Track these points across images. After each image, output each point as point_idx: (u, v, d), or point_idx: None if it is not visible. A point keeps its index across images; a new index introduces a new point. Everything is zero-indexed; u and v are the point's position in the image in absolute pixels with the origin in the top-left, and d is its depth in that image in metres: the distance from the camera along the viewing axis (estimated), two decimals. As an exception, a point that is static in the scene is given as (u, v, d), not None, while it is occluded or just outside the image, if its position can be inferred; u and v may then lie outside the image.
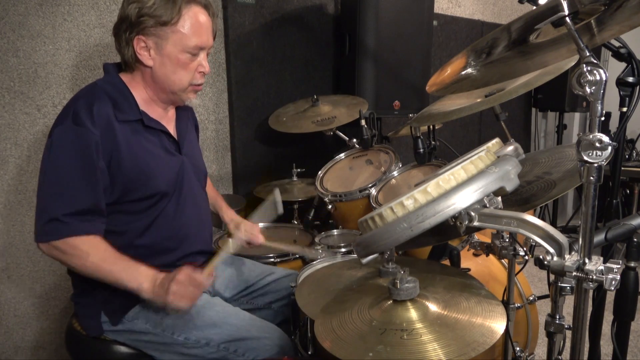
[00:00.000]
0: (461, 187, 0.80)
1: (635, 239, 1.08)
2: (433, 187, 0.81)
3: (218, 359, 1.25)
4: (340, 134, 2.18)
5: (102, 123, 1.20)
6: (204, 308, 1.29)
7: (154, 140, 1.31)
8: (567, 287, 0.84)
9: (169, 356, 1.28)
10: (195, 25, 1.26)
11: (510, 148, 1.08)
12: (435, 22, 3.07)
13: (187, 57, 1.27)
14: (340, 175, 2.09)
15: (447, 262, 1.49)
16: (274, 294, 1.51)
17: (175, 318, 1.26)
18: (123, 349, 1.30)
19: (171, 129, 1.39)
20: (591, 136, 0.79)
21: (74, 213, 1.17)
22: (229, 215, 1.64)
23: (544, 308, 2.19)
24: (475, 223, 0.81)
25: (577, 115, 4.21)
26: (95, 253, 1.18)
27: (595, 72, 0.78)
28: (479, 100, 1.44)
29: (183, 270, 1.16)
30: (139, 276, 1.18)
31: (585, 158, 0.80)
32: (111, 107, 1.23)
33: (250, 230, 1.57)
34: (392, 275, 1.11)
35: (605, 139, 0.78)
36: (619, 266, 0.80)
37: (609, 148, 0.79)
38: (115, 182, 1.22)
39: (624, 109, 1.27)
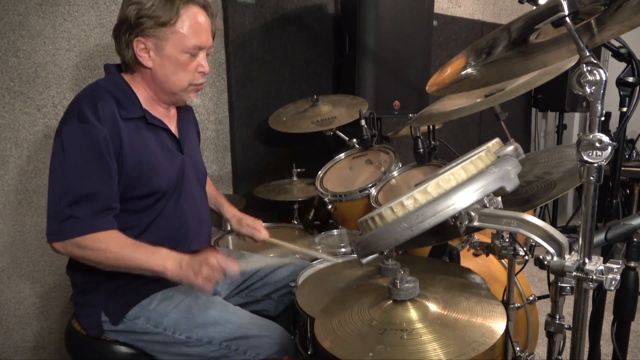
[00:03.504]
0: (461, 187, 0.80)
1: (635, 239, 1.08)
2: (433, 187, 0.81)
3: (219, 357, 1.26)
4: (340, 134, 2.18)
5: (108, 120, 1.20)
6: (205, 307, 1.30)
7: (156, 138, 1.32)
8: (567, 287, 0.84)
9: (170, 356, 1.28)
10: (194, 26, 1.26)
11: (510, 148, 1.08)
12: (435, 22, 3.07)
13: (187, 57, 1.28)
14: (340, 175, 2.09)
15: (447, 262, 1.49)
16: (272, 284, 1.52)
17: (176, 317, 1.27)
18: (123, 349, 1.30)
19: (173, 128, 1.39)
20: (591, 136, 0.79)
21: (89, 208, 1.17)
22: (231, 211, 1.64)
23: (544, 308, 2.18)
24: (475, 223, 0.81)
25: (577, 115, 4.21)
26: (115, 243, 1.19)
27: (595, 72, 0.78)
28: (479, 100, 1.44)
29: (213, 255, 1.21)
30: (161, 258, 1.20)
31: (585, 158, 0.80)
32: (115, 105, 1.23)
33: (253, 225, 1.57)
34: (392, 273, 1.11)
35: (605, 139, 0.78)
36: (619, 266, 0.80)
37: (609, 148, 0.79)
38: (119, 179, 1.23)
39: (624, 109, 1.27)
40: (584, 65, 0.79)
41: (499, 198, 0.85)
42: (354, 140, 2.16)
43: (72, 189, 1.17)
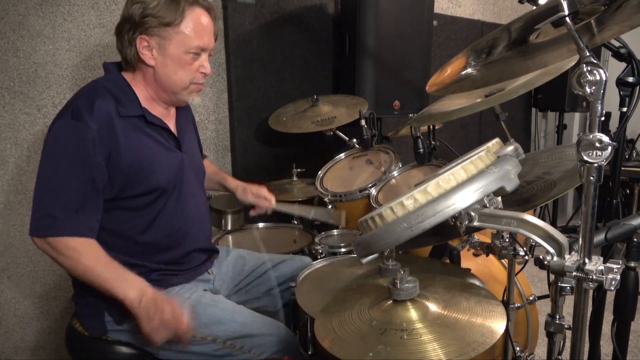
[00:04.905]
0: (461, 187, 0.80)
1: (635, 239, 1.08)
2: (433, 187, 0.81)
3: (224, 355, 1.26)
4: (340, 134, 2.18)
5: (103, 119, 1.20)
6: (209, 306, 1.30)
7: (155, 136, 1.32)
8: (567, 287, 0.84)
9: (174, 354, 1.28)
10: (198, 27, 1.27)
11: (510, 148, 1.08)
12: (435, 22, 3.07)
13: (189, 57, 1.28)
14: (340, 175, 2.09)
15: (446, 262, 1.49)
16: (271, 280, 1.52)
17: None
18: (124, 348, 1.30)
19: (172, 126, 1.39)
20: (591, 136, 0.79)
21: (67, 209, 1.17)
22: (234, 182, 1.67)
23: (544, 308, 2.19)
24: (475, 223, 0.81)
25: (577, 115, 4.21)
26: (87, 256, 1.17)
27: (595, 72, 0.78)
28: (479, 100, 1.44)
29: (170, 308, 1.16)
30: (126, 285, 1.17)
31: (585, 158, 0.80)
32: (113, 104, 1.24)
33: (257, 192, 1.58)
34: (392, 273, 1.11)
35: (605, 139, 0.78)
36: (619, 266, 0.80)
37: (609, 148, 0.79)
38: (114, 177, 1.23)
39: (624, 109, 1.27)
40: (584, 65, 0.79)
41: (499, 198, 0.85)
42: (354, 140, 2.16)
43: (52, 186, 1.17)
